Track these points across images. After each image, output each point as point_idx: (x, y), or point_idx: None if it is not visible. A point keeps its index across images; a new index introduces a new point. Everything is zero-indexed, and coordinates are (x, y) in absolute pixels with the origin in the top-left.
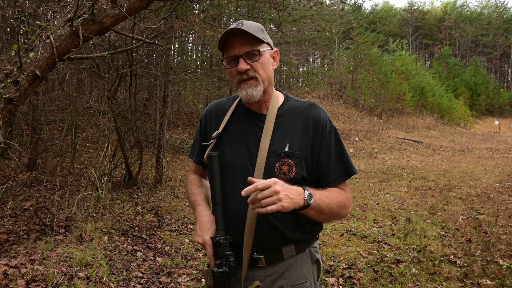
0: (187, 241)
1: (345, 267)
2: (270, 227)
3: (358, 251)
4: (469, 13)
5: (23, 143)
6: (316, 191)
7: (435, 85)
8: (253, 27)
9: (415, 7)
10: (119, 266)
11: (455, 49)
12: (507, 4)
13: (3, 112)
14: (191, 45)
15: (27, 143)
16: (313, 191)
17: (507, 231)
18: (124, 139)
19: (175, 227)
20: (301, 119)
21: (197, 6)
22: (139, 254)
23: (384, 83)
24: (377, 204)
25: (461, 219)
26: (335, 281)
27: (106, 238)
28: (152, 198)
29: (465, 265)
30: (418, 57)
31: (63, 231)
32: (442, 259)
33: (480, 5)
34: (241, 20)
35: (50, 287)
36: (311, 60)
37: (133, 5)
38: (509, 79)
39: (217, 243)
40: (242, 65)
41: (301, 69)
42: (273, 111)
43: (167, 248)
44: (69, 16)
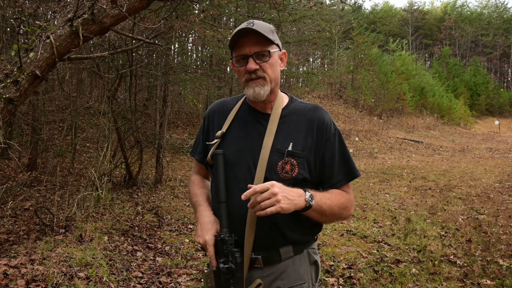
0: (187, 241)
1: (345, 267)
2: (270, 226)
3: (358, 251)
4: (469, 13)
5: (23, 143)
6: (317, 192)
7: (435, 85)
8: (264, 28)
9: (415, 7)
10: (119, 266)
11: (455, 49)
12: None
13: (3, 112)
14: (191, 45)
15: (27, 143)
16: (314, 192)
17: (507, 231)
18: (124, 139)
19: (175, 227)
20: (305, 121)
21: (197, 6)
22: (139, 254)
23: (384, 83)
24: (377, 204)
25: (461, 219)
26: (335, 281)
27: (106, 238)
28: (152, 198)
29: (465, 265)
30: (418, 57)
31: (63, 231)
32: (442, 259)
33: (480, 5)
34: (252, 20)
35: (50, 287)
36: (311, 60)
37: (133, 5)
38: (509, 79)
39: (222, 240)
40: (251, 65)
41: (301, 69)
42: (278, 111)
43: (167, 248)
44: (69, 16)
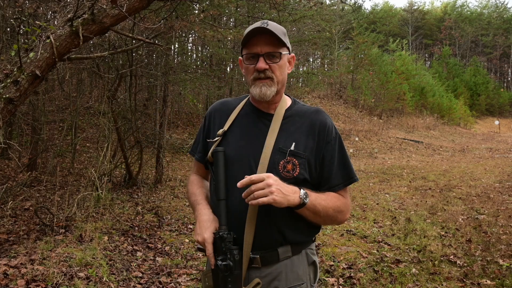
0: (187, 241)
1: (345, 267)
2: (270, 225)
3: (358, 251)
4: (469, 13)
5: (23, 143)
6: (312, 192)
7: (435, 85)
8: (278, 29)
9: (415, 7)
10: (119, 266)
11: (455, 49)
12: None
13: (3, 112)
14: (191, 45)
15: (27, 143)
16: (309, 191)
17: (507, 231)
18: (124, 139)
19: (175, 227)
20: (307, 123)
21: (197, 6)
22: (139, 254)
23: (384, 83)
24: (377, 204)
25: (461, 219)
26: (335, 281)
27: (106, 238)
28: (152, 198)
29: (465, 265)
30: (418, 57)
31: (63, 231)
32: (442, 259)
33: (480, 5)
34: (266, 20)
35: (50, 287)
36: (311, 60)
37: (133, 5)
38: (509, 79)
39: (221, 237)
40: (261, 64)
41: (301, 69)
42: (281, 111)
43: (167, 248)
44: (69, 16)
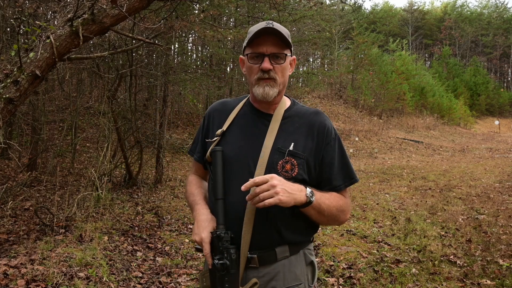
0: (187, 241)
1: (345, 267)
2: (268, 224)
3: (358, 251)
4: (469, 13)
5: (23, 143)
6: (317, 191)
7: (435, 85)
8: (283, 31)
9: (415, 7)
10: (119, 266)
11: (455, 49)
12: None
13: (3, 112)
14: (191, 45)
15: (27, 143)
16: (314, 190)
17: (507, 231)
18: (124, 139)
19: (175, 227)
20: (307, 124)
21: (197, 6)
22: (139, 254)
23: (384, 83)
24: (377, 204)
25: (461, 219)
26: (335, 281)
27: (106, 238)
28: (152, 198)
29: (465, 265)
30: (418, 57)
31: (63, 231)
32: (442, 259)
33: (480, 5)
34: (271, 21)
35: (50, 287)
36: (311, 60)
37: (133, 5)
38: (509, 79)
39: (218, 237)
40: (267, 64)
41: (301, 69)
42: (280, 111)
43: (167, 248)
44: (69, 16)
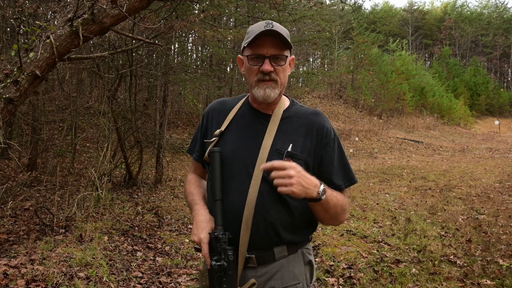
0: (187, 241)
1: (345, 267)
2: (266, 225)
3: (358, 251)
4: (469, 13)
5: (23, 143)
6: (328, 189)
7: (435, 85)
8: (283, 31)
9: (415, 7)
10: (119, 266)
11: (455, 49)
12: (507, 4)
13: (3, 112)
14: (191, 45)
15: (27, 143)
16: (327, 188)
17: (507, 231)
18: (124, 139)
19: (175, 227)
20: (305, 124)
21: (197, 6)
22: (139, 254)
23: (384, 83)
24: (377, 204)
25: (461, 219)
26: (335, 281)
27: (106, 238)
28: (152, 198)
29: (465, 265)
30: (418, 57)
31: (63, 231)
32: (442, 259)
33: (480, 5)
34: (270, 21)
35: (50, 287)
36: (311, 60)
37: (133, 5)
38: (509, 79)
39: (216, 238)
40: (267, 66)
41: (301, 69)
42: (279, 112)
43: (167, 248)
44: (69, 16)
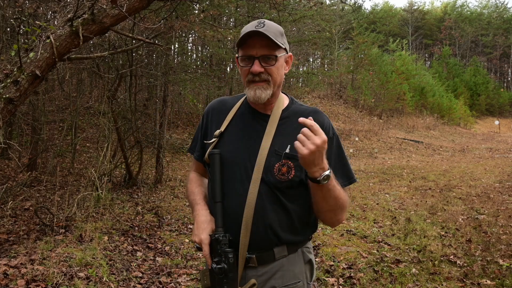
0: (187, 241)
1: (345, 267)
2: (265, 227)
3: (358, 251)
4: (469, 13)
5: (23, 143)
6: (334, 179)
7: (435, 85)
8: (274, 30)
9: (415, 7)
10: (119, 266)
11: (455, 49)
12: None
13: (3, 112)
14: (191, 45)
15: (27, 143)
16: (333, 177)
17: (507, 231)
18: (124, 139)
19: (175, 227)
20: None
21: (197, 6)
22: (139, 254)
23: (384, 83)
24: (377, 204)
25: (461, 219)
26: (335, 281)
27: (106, 238)
28: (152, 198)
29: (465, 265)
30: (418, 57)
31: (63, 231)
32: (442, 259)
33: (480, 5)
34: (263, 20)
35: (50, 287)
36: (311, 60)
37: (133, 5)
38: (509, 79)
39: (216, 240)
40: (257, 67)
41: (301, 69)
42: (277, 112)
43: (167, 248)
44: (69, 16)
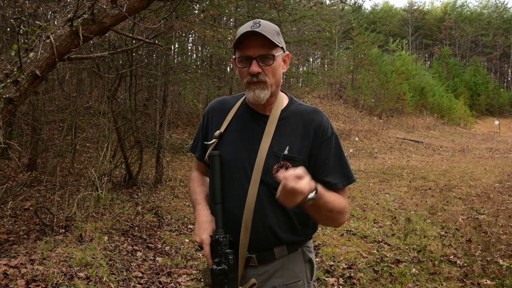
0: (187, 241)
1: (345, 267)
2: (264, 228)
3: (358, 251)
4: (469, 13)
5: (23, 143)
6: (325, 192)
7: (435, 85)
8: (270, 30)
9: (415, 7)
10: (119, 266)
11: (455, 49)
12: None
13: (3, 112)
14: (191, 45)
15: (27, 143)
16: (321, 192)
17: (507, 231)
18: (124, 139)
19: (175, 227)
20: (303, 123)
21: (197, 6)
22: (139, 254)
23: (384, 83)
24: (377, 204)
25: (461, 219)
26: (335, 281)
27: (106, 238)
28: (152, 198)
29: (465, 265)
30: (418, 57)
31: (63, 231)
32: (442, 259)
33: (480, 5)
34: (258, 20)
35: (50, 287)
36: (311, 60)
37: (133, 5)
38: (509, 79)
39: (217, 241)
40: (254, 68)
41: (301, 69)
42: (276, 112)
43: (167, 248)
44: (69, 16)
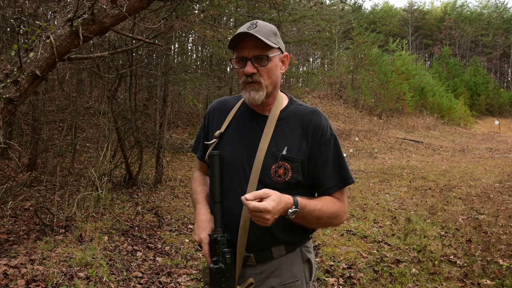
0: (187, 241)
1: (345, 267)
2: (262, 227)
3: (358, 251)
4: (469, 13)
5: (23, 143)
6: (307, 202)
7: (435, 85)
8: (266, 30)
9: (415, 7)
10: (119, 266)
11: (455, 49)
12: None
13: (3, 112)
14: (191, 45)
15: (27, 143)
16: (304, 202)
17: (507, 231)
18: (124, 139)
19: (175, 227)
20: (302, 124)
21: (197, 6)
22: (139, 254)
23: (384, 83)
24: (377, 204)
25: (461, 219)
26: (335, 281)
27: (106, 238)
28: (152, 198)
29: (465, 265)
30: (418, 57)
31: (63, 231)
32: (442, 259)
33: (480, 5)
34: (256, 20)
35: (50, 287)
36: (311, 60)
37: (133, 5)
38: (509, 79)
39: (215, 240)
40: (249, 68)
41: (301, 69)
42: (275, 113)
43: (167, 248)
44: (69, 16)
